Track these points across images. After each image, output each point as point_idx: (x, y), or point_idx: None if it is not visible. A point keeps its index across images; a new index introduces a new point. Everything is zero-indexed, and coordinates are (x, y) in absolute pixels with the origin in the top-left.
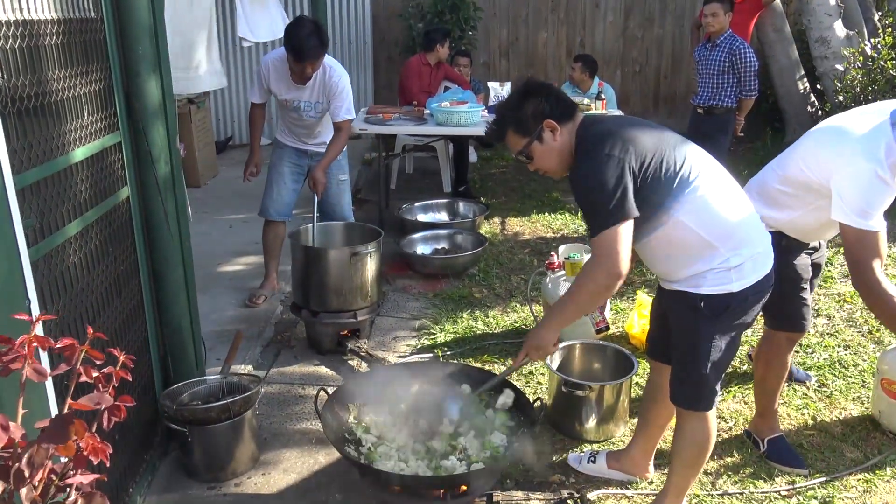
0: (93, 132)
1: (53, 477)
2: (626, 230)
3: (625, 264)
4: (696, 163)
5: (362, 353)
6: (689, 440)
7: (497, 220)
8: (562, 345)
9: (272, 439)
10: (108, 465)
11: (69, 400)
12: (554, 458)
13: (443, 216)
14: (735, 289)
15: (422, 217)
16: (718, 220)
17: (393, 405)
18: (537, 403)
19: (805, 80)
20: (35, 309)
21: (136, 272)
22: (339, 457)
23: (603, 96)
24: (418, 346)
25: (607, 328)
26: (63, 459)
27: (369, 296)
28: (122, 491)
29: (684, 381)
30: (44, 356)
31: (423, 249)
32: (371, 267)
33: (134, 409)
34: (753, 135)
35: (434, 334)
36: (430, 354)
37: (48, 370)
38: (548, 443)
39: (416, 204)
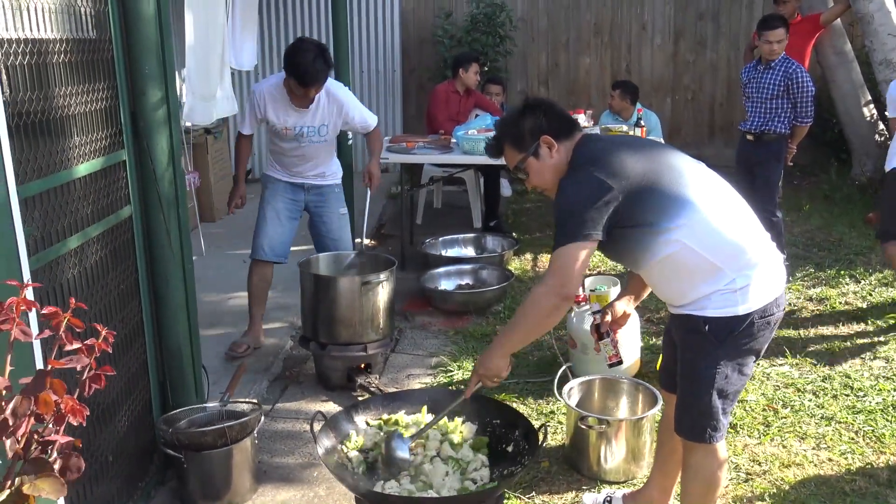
0: (97, 149)
1: (35, 435)
2: (582, 251)
3: (574, 285)
4: (696, 182)
5: (372, 389)
6: (696, 475)
7: (529, 256)
8: (582, 379)
9: (272, 472)
10: (84, 424)
11: (51, 359)
12: (569, 500)
13: (469, 251)
14: (740, 312)
15: (447, 252)
16: (723, 241)
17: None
18: (541, 433)
19: (871, 106)
20: (32, 316)
21: (136, 292)
22: (339, 492)
23: (643, 123)
24: (433, 384)
25: (620, 362)
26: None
27: (381, 328)
28: None
29: (688, 409)
30: (34, 327)
31: (445, 285)
32: (383, 297)
33: (130, 434)
34: (818, 167)
35: (451, 371)
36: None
37: (35, 333)
38: (562, 483)
39: (441, 238)
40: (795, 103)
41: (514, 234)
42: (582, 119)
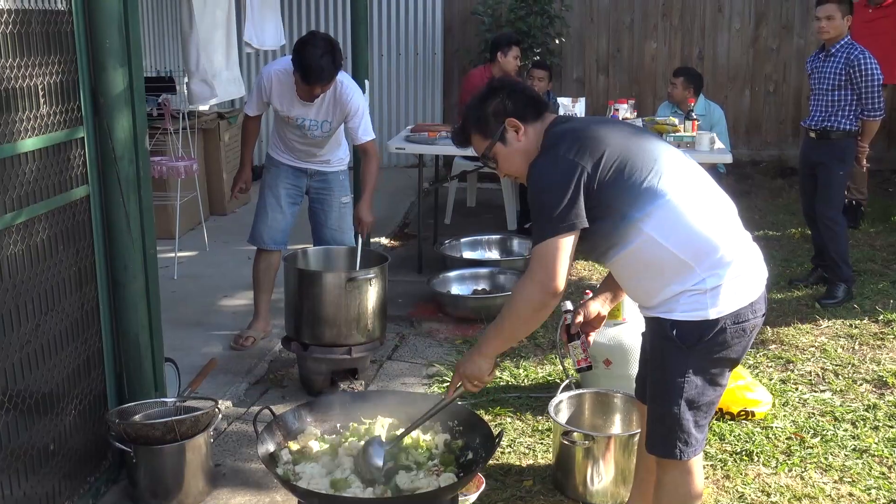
0: (49, 124)
1: None
2: (567, 243)
3: (561, 280)
4: (671, 171)
5: None
6: (670, 495)
7: None
8: (571, 393)
9: (231, 475)
10: None
11: None
12: None
13: (493, 254)
14: (710, 316)
15: (468, 254)
16: (693, 236)
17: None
18: (498, 440)
19: None
20: None
21: (92, 276)
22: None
23: (694, 116)
24: (428, 393)
25: (590, 367)
26: None
27: (369, 330)
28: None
29: (657, 422)
30: None
31: (458, 289)
32: (372, 296)
33: (78, 424)
34: None
35: (447, 382)
36: None
37: None
38: (542, 503)
39: (463, 239)
40: (860, 94)
41: None
42: (624, 109)
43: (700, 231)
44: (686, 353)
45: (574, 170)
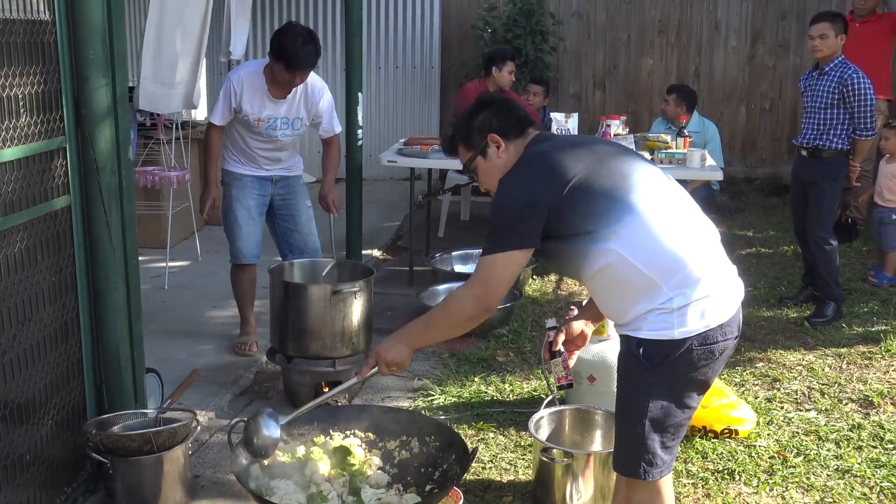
0: (29, 134)
1: None
2: (513, 260)
3: (497, 297)
4: (643, 188)
5: None
6: None
7: (554, 277)
8: (552, 409)
9: (211, 487)
10: None
11: None
12: None
13: None
14: (676, 335)
15: (459, 268)
16: (661, 253)
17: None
18: (472, 456)
19: None
20: None
21: (73, 286)
22: None
23: (686, 133)
24: (410, 409)
25: (570, 385)
26: None
27: (353, 343)
28: None
29: (622, 441)
30: None
31: None
32: (357, 309)
33: (55, 435)
34: None
35: (432, 396)
36: None
37: None
38: None
39: (454, 253)
40: (852, 113)
41: None
42: (615, 125)
43: (668, 248)
44: (652, 373)
45: (539, 190)
